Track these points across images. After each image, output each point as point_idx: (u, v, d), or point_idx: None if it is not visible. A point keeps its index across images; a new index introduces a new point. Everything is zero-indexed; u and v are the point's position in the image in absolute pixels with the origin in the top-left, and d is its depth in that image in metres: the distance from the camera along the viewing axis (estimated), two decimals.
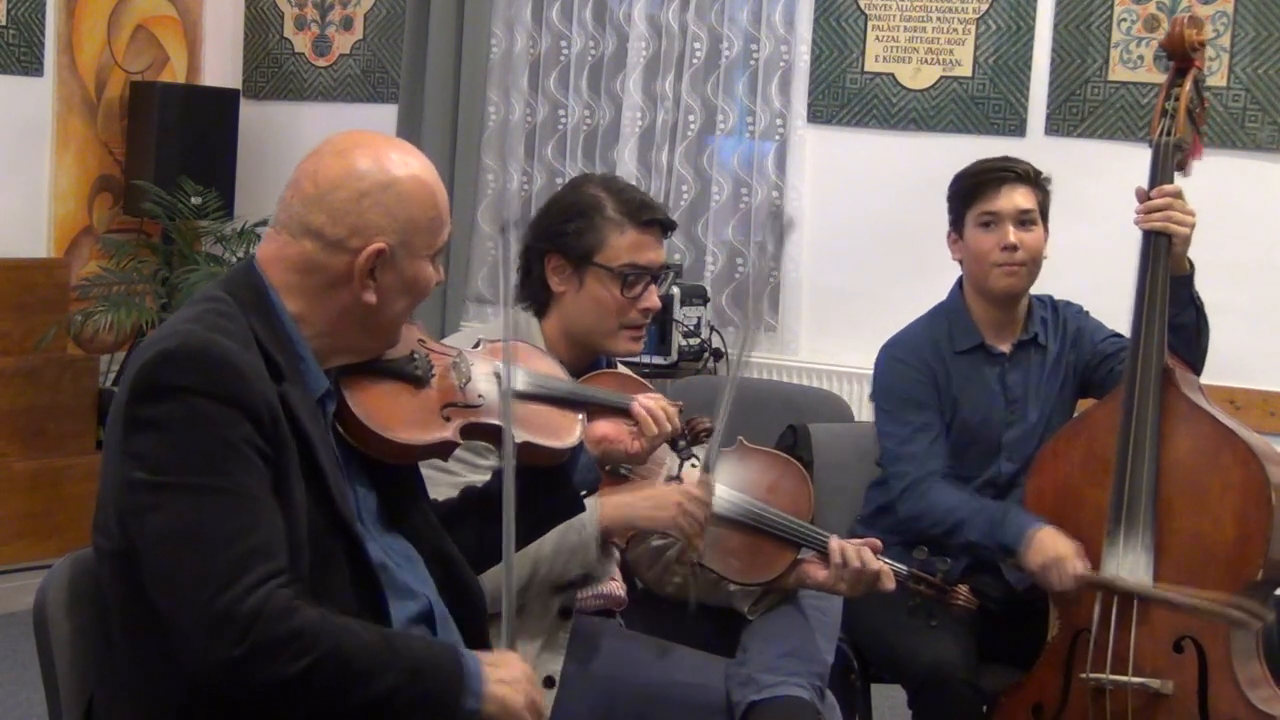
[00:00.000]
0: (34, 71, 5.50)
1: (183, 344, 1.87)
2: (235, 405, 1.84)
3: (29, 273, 5.32)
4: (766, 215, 5.25)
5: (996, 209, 3.18)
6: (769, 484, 2.78)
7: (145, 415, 1.85)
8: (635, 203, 2.71)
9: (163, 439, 1.83)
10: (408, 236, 2.00)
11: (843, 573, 2.70)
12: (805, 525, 2.73)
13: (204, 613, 1.78)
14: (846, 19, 5.19)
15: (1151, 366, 2.93)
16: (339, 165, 2.00)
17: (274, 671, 1.79)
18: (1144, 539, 2.88)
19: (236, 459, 1.83)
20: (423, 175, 2.03)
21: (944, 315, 3.30)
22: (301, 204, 2.00)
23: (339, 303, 2.00)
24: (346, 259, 1.98)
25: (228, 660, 1.77)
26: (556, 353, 2.69)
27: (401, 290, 2.02)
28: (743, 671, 2.65)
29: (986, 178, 3.21)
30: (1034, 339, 3.26)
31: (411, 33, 5.67)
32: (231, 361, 1.86)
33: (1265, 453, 2.89)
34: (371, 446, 2.05)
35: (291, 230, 2.00)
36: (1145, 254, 3.00)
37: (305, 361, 1.99)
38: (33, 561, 4.97)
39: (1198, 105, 3.06)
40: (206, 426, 1.83)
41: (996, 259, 3.17)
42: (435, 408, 2.10)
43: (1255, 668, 2.88)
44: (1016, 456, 3.21)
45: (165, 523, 1.81)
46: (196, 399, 1.83)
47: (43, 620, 2.07)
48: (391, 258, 1.99)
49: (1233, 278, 4.60)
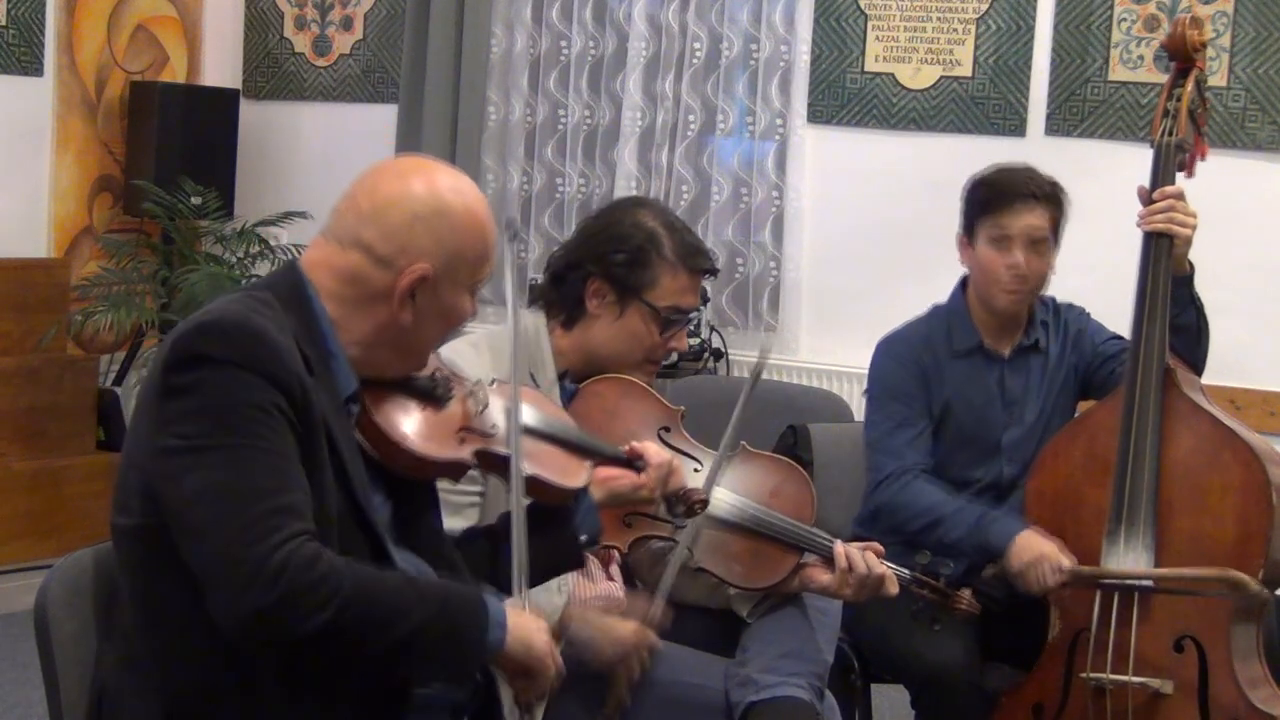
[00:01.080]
0: (34, 71, 5.50)
1: (220, 318, 1.93)
2: (268, 377, 1.89)
3: (29, 273, 5.32)
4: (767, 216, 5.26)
5: (1009, 229, 3.13)
6: (771, 488, 2.77)
7: (180, 383, 1.89)
8: (692, 248, 2.71)
9: (197, 405, 1.88)
10: (453, 265, 2.05)
11: (848, 578, 2.69)
12: (808, 529, 2.73)
13: (238, 564, 1.82)
14: (846, 19, 5.19)
15: (1152, 366, 2.93)
16: (397, 185, 2.05)
17: (305, 618, 1.83)
18: (1145, 538, 2.88)
19: (269, 423, 1.88)
20: (476, 209, 2.08)
21: (945, 315, 3.30)
22: (355, 217, 2.05)
23: (376, 318, 2.04)
24: (390, 277, 2.02)
25: (260, 609, 1.81)
26: (565, 360, 2.70)
27: (437, 316, 2.07)
28: (742, 672, 2.65)
29: (1006, 192, 3.16)
30: (1035, 344, 3.26)
31: (411, 33, 5.67)
32: (268, 337, 1.91)
33: (1266, 453, 2.89)
34: (388, 456, 2.07)
35: (341, 240, 2.05)
36: (1146, 254, 3.00)
37: (337, 360, 2.03)
38: (33, 561, 4.97)
39: (1199, 106, 3.06)
40: (240, 392, 1.88)
41: (1003, 280, 3.16)
42: (452, 429, 2.13)
43: (1256, 667, 2.88)
44: (1017, 459, 3.21)
45: (201, 480, 1.85)
46: (231, 368, 1.88)
47: (43, 620, 2.08)
48: (434, 283, 2.03)
49: (1233, 278, 4.60)
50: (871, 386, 3.30)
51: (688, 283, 2.70)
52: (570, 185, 5.54)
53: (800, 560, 2.72)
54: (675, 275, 2.69)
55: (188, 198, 5.46)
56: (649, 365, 2.75)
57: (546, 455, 2.24)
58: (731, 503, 2.70)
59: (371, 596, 1.89)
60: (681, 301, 2.71)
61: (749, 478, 2.77)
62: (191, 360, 1.89)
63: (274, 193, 5.92)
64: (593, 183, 5.52)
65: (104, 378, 5.61)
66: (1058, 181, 3.21)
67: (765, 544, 2.72)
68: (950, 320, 3.28)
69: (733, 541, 2.70)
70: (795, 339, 5.29)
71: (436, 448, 2.10)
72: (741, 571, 2.71)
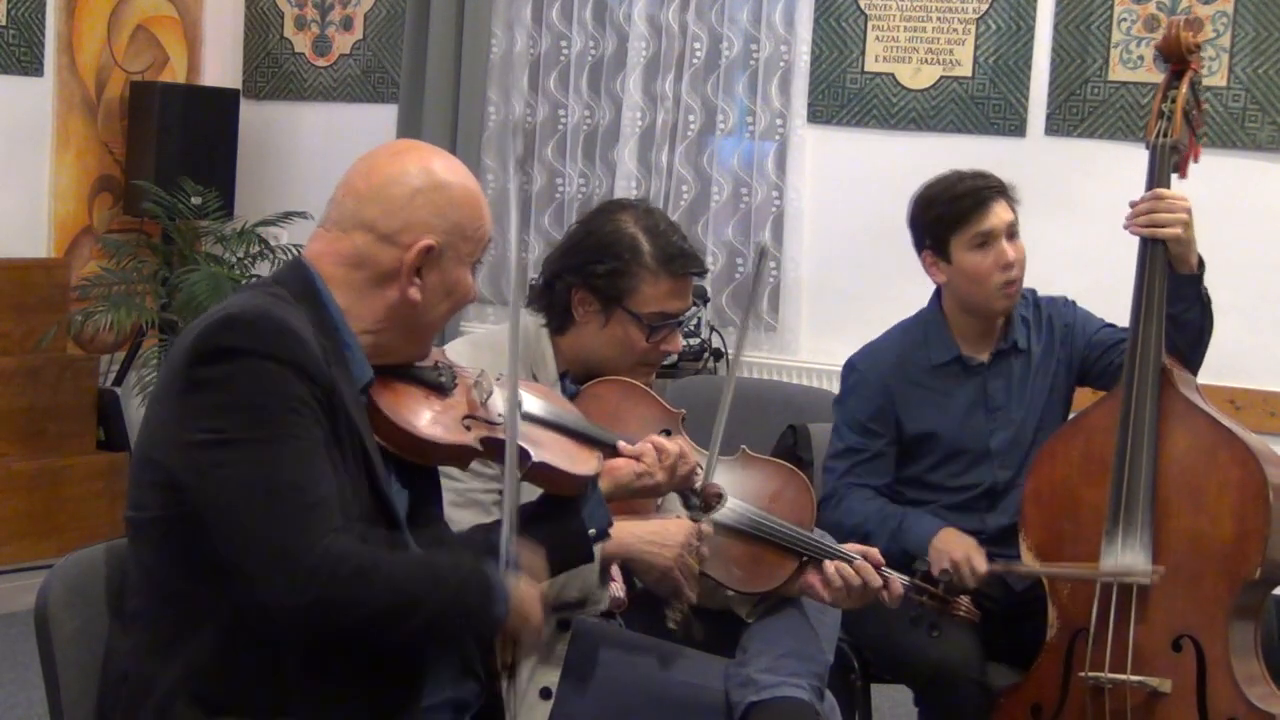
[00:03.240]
0: (34, 71, 5.50)
1: (243, 310, 1.95)
2: (294, 367, 1.92)
3: (29, 273, 5.33)
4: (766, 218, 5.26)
5: (989, 227, 3.15)
6: (771, 493, 2.77)
7: (208, 376, 1.91)
8: (673, 252, 2.69)
9: (225, 398, 1.90)
10: (455, 239, 2.08)
11: (840, 590, 2.70)
12: (808, 535, 2.73)
13: (285, 561, 1.87)
14: (846, 19, 5.19)
15: (1149, 366, 2.93)
16: (394, 165, 2.09)
17: (349, 609, 1.89)
18: (1142, 538, 2.88)
19: (297, 415, 1.91)
20: (470, 185, 2.12)
21: (920, 327, 3.29)
22: (354, 200, 2.08)
23: (385, 300, 2.06)
24: (396, 253, 2.05)
25: (309, 603, 1.87)
26: (566, 363, 2.71)
27: (444, 293, 2.10)
28: (742, 672, 2.65)
29: (970, 200, 3.16)
30: (1014, 346, 3.25)
31: (411, 33, 5.67)
32: (291, 328, 1.94)
33: (1263, 453, 2.89)
34: (395, 442, 2.09)
35: (342, 225, 2.07)
36: (1142, 254, 3.01)
37: (351, 349, 2.05)
38: (33, 561, 4.98)
39: (1194, 107, 3.06)
40: (267, 384, 1.90)
41: (998, 280, 3.15)
42: (458, 416, 2.15)
43: (1253, 665, 2.89)
44: (1010, 463, 3.22)
45: (237, 474, 1.88)
46: (257, 360, 1.90)
47: (43, 620, 2.09)
48: (439, 256, 2.07)
49: (1233, 278, 4.58)
50: (835, 402, 3.33)
51: (671, 288, 2.69)
52: (570, 185, 5.54)
53: (800, 565, 2.73)
54: (657, 282, 2.68)
55: (188, 198, 5.46)
56: (644, 368, 2.75)
57: (554, 443, 2.25)
58: (731, 507, 2.70)
59: (397, 585, 1.93)
60: (666, 307, 2.70)
61: (749, 482, 2.77)
62: (219, 352, 1.91)
63: (274, 193, 5.92)
64: (593, 183, 5.52)
65: (104, 378, 5.61)
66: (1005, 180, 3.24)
67: (765, 549, 2.71)
68: (927, 333, 3.27)
69: (732, 546, 2.70)
70: (795, 339, 5.29)
71: (443, 433, 2.11)
72: (741, 576, 2.71)
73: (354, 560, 1.89)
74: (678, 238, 2.74)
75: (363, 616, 1.91)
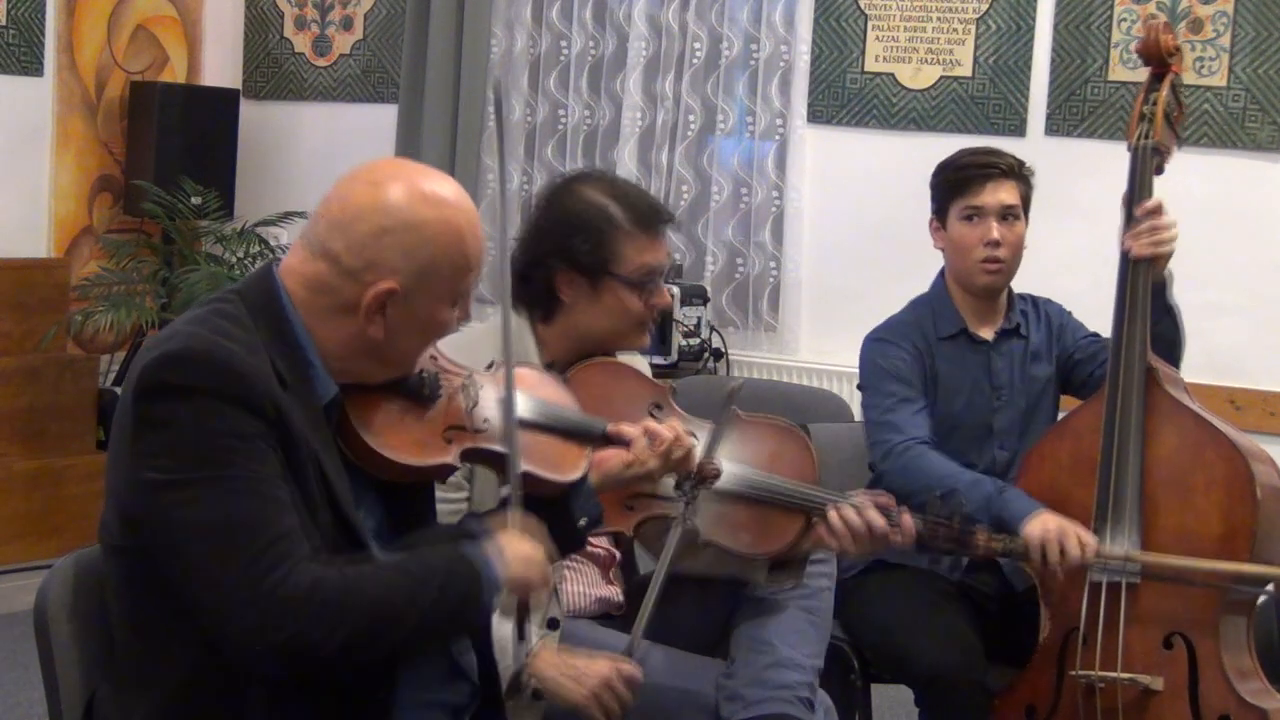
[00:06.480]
0: (34, 71, 5.51)
1: (185, 345, 1.89)
2: (241, 404, 1.87)
3: (29, 273, 5.33)
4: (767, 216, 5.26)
5: (981, 204, 3.19)
6: (770, 453, 2.73)
7: (153, 415, 1.87)
8: (643, 209, 2.70)
9: (173, 437, 1.86)
10: (425, 280, 1.99)
11: (848, 537, 2.69)
12: (812, 490, 2.71)
13: (246, 604, 1.82)
14: (846, 19, 5.19)
15: (1135, 364, 2.94)
16: (369, 195, 1.99)
17: (322, 643, 1.84)
18: (1130, 536, 2.88)
19: (248, 451, 1.86)
20: (453, 218, 2.00)
21: (927, 304, 3.32)
22: (326, 226, 2.00)
23: (346, 329, 2.00)
24: (357, 290, 1.97)
25: (277, 644, 1.83)
26: (553, 352, 2.70)
27: (414, 329, 2.02)
28: (730, 685, 2.64)
29: (973, 172, 3.22)
30: (1016, 329, 3.27)
31: (411, 33, 5.68)
32: (234, 365, 1.88)
33: (1249, 449, 2.89)
34: (368, 462, 2.04)
35: (312, 248, 2.00)
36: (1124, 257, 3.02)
37: (314, 367, 1.99)
38: (33, 561, 4.97)
39: (1175, 109, 3.09)
40: (215, 423, 1.86)
41: (979, 255, 3.18)
42: (439, 429, 2.09)
43: (1245, 660, 2.89)
44: (1009, 444, 3.22)
45: (194, 517, 1.84)
46: (202, 398, 1.86)
47: (43, 620, 2.09)
48: (404, 298, 1.98)
49: (1233, 278, 4.61)
50: (865, 375, 3.27)
51: (649, 242, 2.69)
52: None
53: (807, 521, 2.71)
54: (635, 241, 2.68)
55: (188, 198, 5.47)
56: (640, 330, 2.74)
57: (540, 447, 2.19)
58: (732, 472, 2.66)
59: (375, 600, 1.89)
60: (650, 260, 2.70)
61: (747, 445, 2.72)
62: (161, 390, 1.87)
63: (274, 193, 5.92)
64: None
65: (104, 378, 5.61)
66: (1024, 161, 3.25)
67: (770, 510, 2.68)
68: (934, 307, 3.30)
69: (737, 511, 2.66)
70: (795, 339, 5.29)
71: (418, 454, 2.05)
72: (750, 540, 2.68)
73: (325, 587, 1.85)
74: (642, 194, 2.77)
75: (343, 642, 1.85)
